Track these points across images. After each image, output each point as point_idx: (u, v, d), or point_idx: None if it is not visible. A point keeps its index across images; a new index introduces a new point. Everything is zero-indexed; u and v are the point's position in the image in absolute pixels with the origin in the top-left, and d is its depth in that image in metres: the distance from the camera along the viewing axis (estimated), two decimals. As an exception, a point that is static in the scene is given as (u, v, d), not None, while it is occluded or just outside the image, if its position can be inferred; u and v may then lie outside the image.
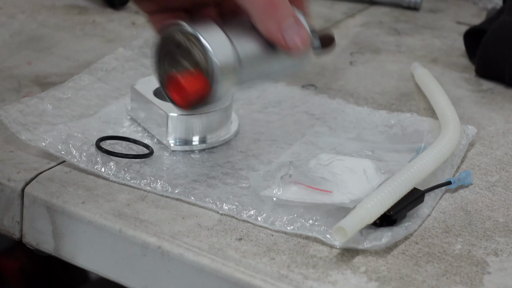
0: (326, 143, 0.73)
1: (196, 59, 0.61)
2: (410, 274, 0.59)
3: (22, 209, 0.66)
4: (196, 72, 0.61)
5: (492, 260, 0.61)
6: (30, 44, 0.93)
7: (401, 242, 0.62)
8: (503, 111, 0.85)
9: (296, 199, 0.63)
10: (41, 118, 0.73)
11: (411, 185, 0.63)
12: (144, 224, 0.62)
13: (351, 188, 0.64)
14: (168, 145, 0.71)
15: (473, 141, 0.77)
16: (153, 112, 0.72)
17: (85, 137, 0.71)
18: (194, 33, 0.60)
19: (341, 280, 0.58)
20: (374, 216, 0.60)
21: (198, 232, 0.62)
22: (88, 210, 0.63)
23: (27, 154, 0.70)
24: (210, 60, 0.60)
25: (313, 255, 0.60)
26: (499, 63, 0.89)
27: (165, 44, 0.63)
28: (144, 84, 0.75)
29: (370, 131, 0.76)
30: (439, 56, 0.99)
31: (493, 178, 0.72)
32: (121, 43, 0.92)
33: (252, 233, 0.62)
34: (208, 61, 0.60)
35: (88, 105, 0.77)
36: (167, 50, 0.63)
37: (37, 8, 1.04)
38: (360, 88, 0.88)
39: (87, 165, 0.67)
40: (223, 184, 0.67)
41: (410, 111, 0.81)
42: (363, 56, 0.97)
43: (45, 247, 0.66)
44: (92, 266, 0.65)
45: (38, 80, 0.84)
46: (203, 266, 0.59)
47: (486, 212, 0.67)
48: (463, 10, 1.16)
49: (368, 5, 1.15)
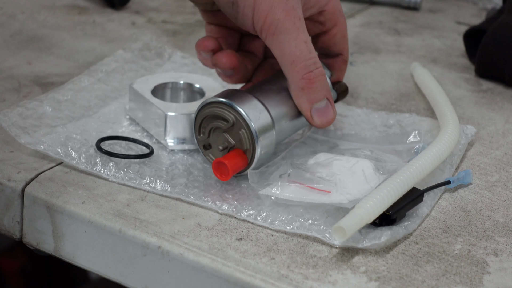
0: (324, 143, 0.73)
1: (241, 139, 0.65)
2: (410, 274, 0.59)
3: (22, 209, 0.66)
4: (239, 152, 0.65)
5: (492, 260, 0.61)
6: (30, 44, 0.93)
7: (401, 242, 0.62)
8: (502, 111, 0.85)
9: (295, 198, 0.63)
10: (40, 120, 0.73)
11: (410, 184, 0.63)
12: (144, 224, 0.62)
13: (350, 188, 0.64)
14: (166, 145, 0.71)
15: (472, 141, 0.77)
16: (151, 112, 0.72)
17: (84, 138, 0.71)
18: (248, 122, 0.64)
19: (341, 280, 0.58)
20: (373, 216, 0.60)
21: (198, 232, 0.62)
22: (88, 210, 0.64)
23: (27, 154, 0.70)
24: (256, 147, 0.65)
25: (313, 255, 0.60)
26: (499, 63, 0.89)
27: (214, 116, 0.66)
28: (142, 84, 0.75)
29: (369, 131, 0.76)
30: (439, 56, 0.99)
31: (493, 178, 0.72)
32: (121, 43, 0.92)
33: (252, 233, 0.62)
34: (254, 148, 0.65)
35: (88, 106, 0.77)
36: (214, 121, 0.66)
37: (37, 8, 1.04)
38: (360, 88, 0.88)
39: (86, 166, 0.67)
40: (222, 183, 0.67)
41: (410, 111, 0.81)
42: (363, 56, 0.97)
43: (45, 247, 0.66)
44: (92, 266, 0.65)
45: (38, 80, 0.84)
46: (203, 266, 0.59)
47: (486, 212, 0.67)
48: (463, 10, 1.16)
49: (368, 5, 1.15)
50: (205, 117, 0.66)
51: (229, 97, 0.65)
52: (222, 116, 0.65)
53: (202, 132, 0.67)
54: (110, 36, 0.97)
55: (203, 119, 0.67)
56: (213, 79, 0.78)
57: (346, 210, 0.61)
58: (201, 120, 0.67)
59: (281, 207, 0.63)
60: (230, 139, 0.66)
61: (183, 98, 0.77)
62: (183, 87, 0.77)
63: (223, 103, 0.65)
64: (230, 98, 0.65)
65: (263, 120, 0.65)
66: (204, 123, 0.67)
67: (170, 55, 0.88)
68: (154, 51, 0.88)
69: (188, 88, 0.77)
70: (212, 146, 0.67)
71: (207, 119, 0.67)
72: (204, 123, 0.67)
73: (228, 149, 0.66)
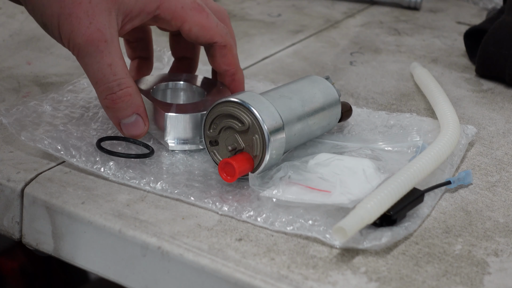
0: (325, 143, 0.73)
1: (252, 144, 0.65)
2: (410, 275, 0.59)
3: (21, 209, 0.66)
4: (247, 156, 0.66)
5: (493, 261, 0.61)
6: (29, 44, 0.93)
7: (401, 243, 0.62)
8: (503, 111, 0.85)
9: (296, 199, 0.63)
10: (41, 119, 0.73)
11: (411, 185, 0.63)
12: (144, 224, 0.62)
13: (351, 188, 0.64)
14: (166, 145, 0.71)
15: (473, 141, 0.77)
16: (151, 112, 0.72)
17: (84, 137, 0.71)
18: (264, 132, 0.65)
19: (341, 281, 0.57)
20: (374, 216, 0.60)
21: (198, 232, 0.62)
22: (87, 211, 0.63)
23: (26, 155, 0.70)
24: (265, 156, 0.65)
25: (313, 255, 0.60)
26: (499, 63, 0.89)
27: (229, 115, 0.66)
28: (142, 84, 0.75)
29: (370, 131, 0.76)
30: (439, 56, 0.98)
31: (493, 178, 0.72)
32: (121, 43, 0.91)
33: (252, 234, 0.62)
34: (263, 156, 0.65)
35: (88, 107, 0.77)
36: (228, 120, 0.66)
37: (36, 8, 1.04)
38: (360, 88, 0.88)
39: (86, 164, 0.67)
40: (222, 184, 0.67)
41: (410, 111, 0.81)
42: (363, 56, 0.97)
43: (44, 248, 0.66)
44: (92, 266, 0.64)
45: (38, 80, 0.84)
46: (203, 266, 0.59)
47: (486, 213, 0.67)
48: (463, 10, 1.16)
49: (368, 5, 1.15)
50: (221, 114, 0.67)
51: (250, 100, 0.65)
52: (238, 118, 0.65)
53: (213, 128, 0.67)
54: (110, 36, 0.97)
55: (218, 115, 0.67)
56: (213, 79, 0.77)
57: (346, 210, 0.61)
58: (215, 116, 0.67)
59: (281, 208, 0.63)
60: (240, 141, 0.66)
61: (183, 98, 0.77)
62: (183, 87, 0.77)
63: (242, 105, 0.65)
64: (251, 102, 0.65)
65: (278, 132, 0.66)
66: (217, 119, 0.67)
67: (169, 58, 0.88)
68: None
69: (188, 88, 0.76)
70: (219, 143, 0.67)
71: (221, 116, 0.67)
72: (217, 120, 0.67)
73: (236, 150, 0.66)
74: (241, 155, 0.66)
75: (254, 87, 0.84)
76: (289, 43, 1.00)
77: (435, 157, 0.67)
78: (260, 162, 0.65)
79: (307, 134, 0.70)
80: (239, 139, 0.66)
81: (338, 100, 0.72)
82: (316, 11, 1.12)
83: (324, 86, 0.72)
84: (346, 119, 0.76)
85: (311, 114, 0.70)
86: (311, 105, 0.70)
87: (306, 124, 0.69)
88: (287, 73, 0.91)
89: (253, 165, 0.66)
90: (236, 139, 0.66)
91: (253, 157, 0.66)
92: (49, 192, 0.65)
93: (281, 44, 0.99)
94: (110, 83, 0.67)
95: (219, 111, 0.67)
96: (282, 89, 0.70)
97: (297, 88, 0.71)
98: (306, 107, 0.69)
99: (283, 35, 1.02)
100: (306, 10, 1.12)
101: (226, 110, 0.66)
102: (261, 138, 0.65)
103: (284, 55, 0.96)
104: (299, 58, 0.95)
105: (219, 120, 0.67)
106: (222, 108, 0.66)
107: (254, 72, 0.90)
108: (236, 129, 0.66)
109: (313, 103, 0.70)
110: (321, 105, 0.71)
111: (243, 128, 0.65)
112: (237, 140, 0.66)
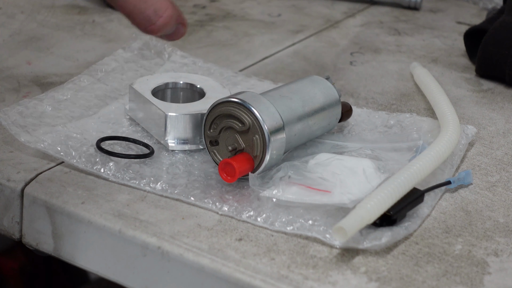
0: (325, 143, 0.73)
1: (253, 144, 0.65)
2: (410, 275, 0.59)
3: (21, 209, 0.66)
4: (248, 157, 0.66)
5: (493, 261, 0.61)
6: (29, 44, 0.93)
7: (401, 242, 0.62)
8: (503, 111, 0.84)
9: (296, 199, 0.63)
10: (40, 119, 0.73)
11: (411, 185, 0.63)
12: (144, 224, 0.62)
13: (351, 188, 0.64)
14: (166, 145, 0.71)
15: (473, 141, 0.77)
16: (151, 112, 0.72)
17: (84, 137, 0.71)
18: (265, 132, 0.65)
19: (341, 281, 0.57)
20: (374, 216, 0.60)
21: (198, 232, 0.61)
22: (87, 211, 0.63)
23: (26, 155, 0.70)
24: (265, 157, 0.65)
25: (313, 255, 0.60)
26: (499, 63, 0.89)
27: (230, 115, 0.66)
28: (142, 84, 0.74)
29: (370, 131, 0.76)
30: (439, 56, 0.98)
31: (493, 178, 0.72)
32: (121, 43, 0.91)
33: (252, 234, 0.62)
34: (263, 156, 0.65)
35: (88, 105, 0.77)
36: (229, 120, 0.66)
37: (36, 8, 1.04)
38: (360, 88, 0.88)
39: (86, 165, 0.67)
40: (222, 184, 0.67)
41: (410, 111, 0.81)
42: (363, 56, 0.97)
43: (44, 248, 0.66)
44: (92, 266, 0.64)
45: (38, 80, 0.84)
46: (203, 266, 0.59)
47: (487, 213, 0.67)
48: (463, 10, 1.16)
49: (368, 5, 1.15)
50: (221, 114, 0.67)
51: (250, 100, 0.65)
52: (239, 118, 0.65)
53: (213, 128, 0.67)
54: (110, 36, 0.97)
55: (218, 115, 0.67)
56: (213, 79, 0.77)
57: (346, 210, 0.61)
58: (215, 116, 0.67)
59: (281, 208, 0.63)
60: (241, 142, 0.66)
61: (183, 98, 0.77)
62: (183, 87, 0.77)
63: (243, 105, 0.65)
64: (251, 102, 0.65)
65: (278, 133, 0.66)
66: (217, 119, 0.67)
67: (170, 54, 0.88)
68: (154, 50, 0.88)
69: (188, 88, 0.76)
70: (219, 143, 0.67)
71: (222, 116, 0.67)
72: (217, 120, 0.67)
73: (236, 150, 0.66)
74: (241, 155, 0.66)
75: (254, 87, 0.84)
76: (289, 43, 1.00)
77: (435, 157, 0.67)
78: (260, 162, 0.65)
79: (307, 134, 0.70)
80: (239, 139, 0.66)
81: (338, 100, 0.72)
82: (316, 11, 1.12)
83: (325, 86, 0.72)
84: (346, 119, 0.76)
85: (311, 114, 0.70)
86: (312, 105, 0.70)
87: (307, 124, 0.69)
88: (287, 73, 0.91)
89: (253, 165, 0.66)
90: (237, 139, 0.66)
91: (253, 157, 0.66)
92: (49, 192, 0.65)
93: (281, 44, 0.99)
94: (145, 12, 0.62)
95: (219, 111, 0.67)
96: (283, 89, 0.70)
97: (298, 88, 0.71)
98: (307, 107, 0.69)
99: (283, 35, 1.02)
100: (306, 10, 1.12)
101: (227, 110, 0.66)
102: (261, 138, 0.65)
103: (284, 55, 0.96)
104: (299, 58, 0.95)
105: (220, 120, 0.67)
106: (223, 108, 0.66)
107: (254, 72, 0.90)
108: (237, 129, 0.66)
109: (313, 103, 0.70)
110: (322, 105, 0.71)
111: (244, 128, 0.65)
112: (237, 140, 0.66)
